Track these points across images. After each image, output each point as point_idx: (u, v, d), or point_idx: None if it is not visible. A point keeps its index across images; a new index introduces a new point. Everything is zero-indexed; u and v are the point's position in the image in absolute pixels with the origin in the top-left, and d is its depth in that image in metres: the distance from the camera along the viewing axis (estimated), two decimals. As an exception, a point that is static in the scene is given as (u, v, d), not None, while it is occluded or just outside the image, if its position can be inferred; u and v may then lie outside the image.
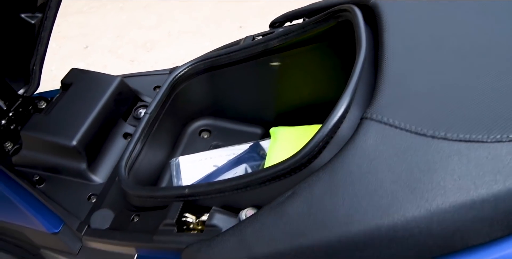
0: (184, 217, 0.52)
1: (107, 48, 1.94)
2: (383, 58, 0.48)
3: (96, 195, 0.67)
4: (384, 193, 0.38)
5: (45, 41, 0.80)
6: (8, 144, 0.76)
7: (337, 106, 0.44)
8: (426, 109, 0.42)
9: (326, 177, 0.41)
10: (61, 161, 0.69)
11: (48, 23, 0.78)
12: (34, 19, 0.76)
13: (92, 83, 0.77)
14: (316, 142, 0.44)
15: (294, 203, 0.42)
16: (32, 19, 0.76)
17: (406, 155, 0.39)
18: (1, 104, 0.77)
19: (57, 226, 0.65)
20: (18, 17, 0.74)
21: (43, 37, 0.80)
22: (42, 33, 0.79)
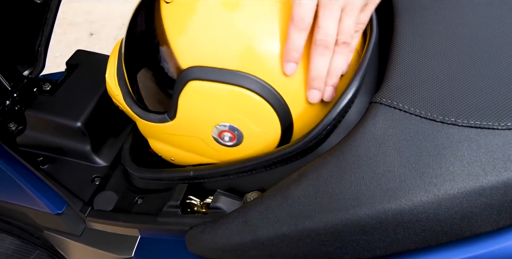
0: (188, 199, 0.52)
1: (112, 36, 1.94)
2: (394, 44, 0.47)
3: (100, 177, 0.67)
4: (392, 177, 0.38)
5: (51, 22, 0.80)
6: (12, 124, 0.75)
7: (346, 90, 0.44)
8: (436, 94, 0.41)
9: (333, 159, 0.41)
10: (66, 142, 0.69)
11: (54, 3, 0.78)
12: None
13: (97, 64, 0.76)
14: (324, 126, 0.44)
15: (300, 186, 0.41)
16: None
17: (415, 139, 0.39)
18: (6, 85, 0.77)
19: (60, 207, 0.65)
20: (24, -4, 0.73)
21: (49, 18, 0.79)
22: (47, 14, 0.78)
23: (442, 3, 0.52)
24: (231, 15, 0.45)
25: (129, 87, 0.55)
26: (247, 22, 0.45)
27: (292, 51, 0.43)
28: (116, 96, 0.56)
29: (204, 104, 0.46)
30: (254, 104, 0.45)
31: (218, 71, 0.44)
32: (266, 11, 0.45)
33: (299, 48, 0.43)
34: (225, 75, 0.44)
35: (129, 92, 0.55)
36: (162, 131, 0.52)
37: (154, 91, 0.52)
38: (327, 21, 0.42)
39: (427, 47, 0.46)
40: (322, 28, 0.43)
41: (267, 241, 0.42)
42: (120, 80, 0.56)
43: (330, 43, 0.43)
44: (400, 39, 0.47)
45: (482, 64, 0.45)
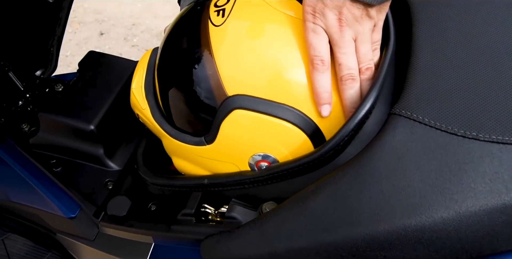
0: (203, 208, 0.52)
1: (122, 36, 1.94)
2: (413, 53, 0.47)
3: (112, 181, 0.67)
4: (412, 192, 0.38)
5: (63, 22, 0.80)
6: (25, 125, 0.76)
7: (364, 102, 0.43)
8: (456, 107, 0.41)
9: (352, 172, 0.40)
10: (78, 145, 0.69)
11: (66, 3, 0.78)
12: None
13: (110, 67, 0.76)
14: (341, 137, 0.43)
15: (317, 198, 0.41)
16: None
17: (435, 153, 0.39)
18: (19, 85, 0.77)
19: (73, 211, 0.66)
20: (37, -4, 0.74)
21: (61, 18, 0.79)
22: (60, 14, 0.79)
23: (462, 12, 0.51)
24: (282, 47, 0.46)
25: (160, 103, 0.54)
26: (297, 56, 0.46)
27: (322, 94, 0.45)
28: (143, 110, 0.55)
29: (246, 133, 0.47)
30: (295, 136, 0.46)
31: (265, 102, 0.45)
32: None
33: (327, 89, 0.45)
34: (271, 107, 0.45)
35: (159, 108, 0.54)
36: (194, 153, 0.52)
37: (187, 110, 0.51)
38: (344, 56, 0.44)
39: (447, 57, 0.46)
40: (343, 65, 0.44)
41: (284, 253, 0.42)
42: (149, 94, 0.55)
43: (355, 75, 0.45)
44: (419, 48, 0.47)
45: (504, 76, 0.44)
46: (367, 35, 0.45)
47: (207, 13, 0.50)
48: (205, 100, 0.48)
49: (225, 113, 0.46)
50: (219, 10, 0.49)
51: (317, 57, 0.44)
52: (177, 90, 0.51)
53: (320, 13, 0.43)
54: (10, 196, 0.73)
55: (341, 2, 0.42)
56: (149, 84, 0.55)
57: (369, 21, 0.44)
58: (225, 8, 0.49)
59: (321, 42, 0.44)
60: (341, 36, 0.44)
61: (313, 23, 0.44)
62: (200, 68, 0.47)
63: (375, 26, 0.45)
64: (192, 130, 0.51)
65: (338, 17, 0.43)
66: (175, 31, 0.54)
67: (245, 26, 0.47)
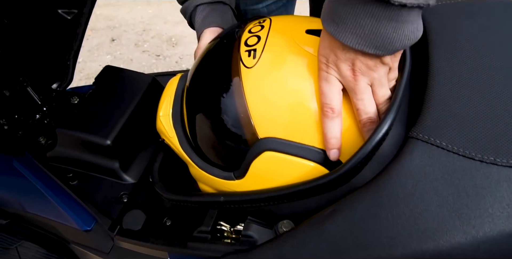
0: (219, 225, 0.52)
1: (133, 42, 1.96)
2: (430, 75, 0.47)
3: (127, 194, 0.68)
4: (429, 217, 0.38)
5: (80, 37, 0.82)
6: (42, 139, 0.77)
7: (381, 124, 0.44)
8: (474, 131, 0.41)
9: (369, 196, 0.41)
10: (95, 159, 0.70)
11: (83, 19, 0.79)
12: (70, 14, 0.77)
13: (126, 81, 0.77)
14: (358, 159, 0.44)
15: (335, 221, 0.41)
16: (68, 14, 0.77)
17: (453, 178, 0.39)
18: (36, 99, 0.79)
19: (89, 224, 0.66)
20: (55, 13, 0.75)
21: (78, 33, 0.81)
22: (77, 29, 0.80)
23: (479, 32, 0.51)
24: (311, 91, 0.47)
25: (188, 134, 0.55)
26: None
27: (331, 139, 0.46)
28: (170, 138, 0.56)
29: (275, 171, 0.48)
30: (318, 172, 0.47)
31: (293, 145, 0.47)
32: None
33: (336, 134, 0.46)
34: (299, 149, 0.47)
35: (187, 138, 0.55)
36: (221, 184, 0.53)
37: (217, 146, 0.52)
38: (361, 102, 0.45)
39: (464, 79, 0.46)
40: (360, 110, 0.45)
41: (301, 274, 0.42)
42: (177, 123, 0.56)
43: (374, 118, 0.46)
44: (436, 70, 0.47)
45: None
46: (382, 79, 0.45)
47: (238, 52, 0.51)
48: (236, 140, 0.49)
49: (256, 154, 0.48)
50: (250, 50, 0.50)
51: (327, 105, 0.45)
52: (207, 127, 0.52)
53: (333, 64, 0.44)
54: (25, 207, 0.74)
55: (353, 55, 0.43)
56: (176, 113, 0.56)
57: (383, 67, 0.44)
58: (256, 49, 0.50)
59: (333, 91, 0.45)
60: (356, 84, 0.44)
61: (326, 73, 0.45)
62: (232, 108, 0.49)
63: (391, 68, 0.45)
64: (221, 165, 0.53)
65: (351, 68, 0.44)
66: (205, 66, 0.55)
67: (276, 68, 0.48)
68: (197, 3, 0.72)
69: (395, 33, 0.40)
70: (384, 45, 0.41)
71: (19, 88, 0.74)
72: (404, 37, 0.41)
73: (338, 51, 0.43)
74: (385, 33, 0.40)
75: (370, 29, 0.40)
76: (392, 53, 0.42)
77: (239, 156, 0.50)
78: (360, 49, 0.41)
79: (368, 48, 0.41)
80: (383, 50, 0.41)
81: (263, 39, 0.51)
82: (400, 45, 0.42)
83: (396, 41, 0.41)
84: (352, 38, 0.41)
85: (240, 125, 0.48)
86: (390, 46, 0.41)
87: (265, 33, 0.52)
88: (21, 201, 0.74)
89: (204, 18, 0.73)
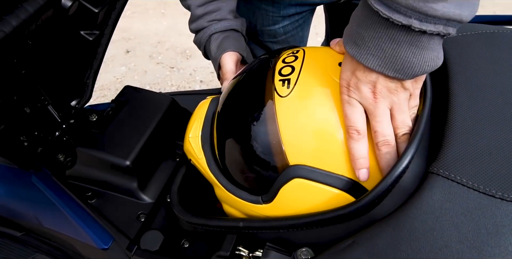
0: (237, 251, 0.53)
1: (148, 54, 1.99)
2: (450, 108, 0.48)
3: (145, 214, 0.69)
4: (449, 253, 0.38)
5: (100, 57, 0.84)
6: (61, 156, 0.78)
7: (402, 158, 0.44)
8: (495, 167, 0.42)
9: (389, 230, 0.41)
10: (113, 179, 0.72)
11: (105, 40, 0.81)
12: (92, 36, 0.79)
13: (145, 102, 0.79)
14: (379, 192, 0.44)
15: (354, 253, 0.42)
16: (90, 36, 0.79)
17: (473, 215, 0.39)
18: (56, 116, 0.80)
19: (106, 243, 0.67)
20: (78, 34, 0.77)
21: (99, 53, 0.83)
22: (98, 49, 0.82)
23: (500, 65, 0.52)
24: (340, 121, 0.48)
25: (217, 156, 0.56)
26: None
27: (358, 160, 0.46)
28: (199, 159, 0.58)
29: (303, 198, 0.49)
30: (345, 201, 0.48)
31: (322, 173, 0.48)
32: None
33: (363, 155, 0.46)
34: (328, 178, 0.48)
35: (216, 161, 0.56)
36: (247, 208, 0.54)
37: (246, 171, 0.53)
38: (379, 124, 0.46)
39: (485, 113, 0.46)
40: (378, 132, 0.46)
41: (320, 305, 0.43)
42: (206, 145, 0.57)
43: (390, 141, 0.46)
44: (456, 104, 0.48)
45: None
46: (403, 104, 0.46)
47: (272, 81, 0.52)
48: (266, 165, 0.51)
49: (286, 180, 0.49)
50: (284, 80, 0.51)
51: (351, 127, 0.46)
52: (238, 152, 0.53)
53: (355, 87, 0.46)
54: (42, 222, 0.75)
55: (374, 77, 0.44)
56: (206, 135, 0.58)
57: (404, 92, 0.45)
58: (290, 79, 0.51)
59: (356, 113, 0.46)
60: (376, 107, 0.45)
61: (348, 96, 0.46)
62: (264, 135, 0.50)
63: (411, 95, 0.46)
64: (249, 188, 0.54)
65: (372, 90, 0.45)
66: (238, 92, 0.56)
67: (308, 98, 0.49)
68: (211, 33, 0.75)
69: (415, 58, 0.42)
70: (403, 69, 0.42)
71: (40, 105, 0.75)
72: (424, 63, 0.42)
73: (359, 73, 0.45)
74: (405, 57, 0.42)
75: (391, 53, 0.42)
76: (412, 77, 0.43)
77: (269, 181, 0.51)
78: (381, 71, 0.43)
79: (388, 71, 0.43)
80: (402, 74, 0.43)
81: (297, 69, 0.52)
82: (420, 71, 0.43)
83: (416, 66, 0.42)
84: (373, 60, 0.43)
85: (272, 152, 0.50)
86: (409, 70, 0.42)
87: (299, 63, 0.53)
88: (37, 216, 0.75)
89: (219, 44, 0.75)
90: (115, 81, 1.86)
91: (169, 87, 1.83)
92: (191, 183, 0.67)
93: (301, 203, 0.50)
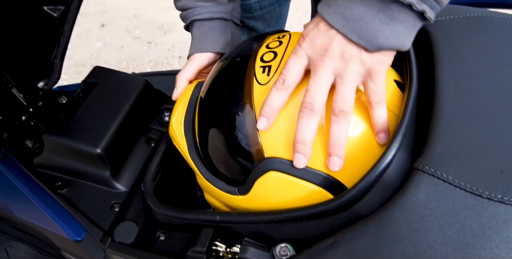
0: (214, 246, 0.51)
1: (124, 28, 1.91)
2: (436, 101, 0.45)
3: (119, 203, 0.66)
4: (433, 255, 0.37)
5: (67, 34, 0.79)
6: (29, 142, 0.74)
7: (387, 152, 0.42)
8: (482, 166, 0.40)
9: (372, 230, 0.39)
10: (84, 167, 0.68)
11: (71, 16, 0.76)
12: (57, 12, 0.74)
13: (116, 84, 0.74)
14: (361, 188, 0.42)
15: (336, 253, 0.40)
16: (55, 12, 0.74)
17: (459, 215, 0.38)
18: (22, 100, 0.76)
19: (79, 234, 0.65)
20: (41, 10, 0.72)
21: (65, 30, 0.78)
22: (64, 26, 0.77)
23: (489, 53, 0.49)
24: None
25: (197, 144, 0.54)
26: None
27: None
28: (180, 145, 0.56)
29: (278, 192, 0.47)
30: (321, 197, 0.46)
31: (302, 168, 0.45)
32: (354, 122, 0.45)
33: (276, 107, 0.45)
34: (303, 172, 0.45)
35: (196, 148, 0.54)
36: (224, 198, 0.52)
37: (224, 161, 0.51)
38: (314, 84, 0.43)
39: (473, 106, 0.44)
40: (309, 91, 0.43)
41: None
42: (188, 131, 0.55)
43: (315, 108, 0.43)
44: (443, 96, 0.45)
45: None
46: (349, 77, 0.43)
47: (253, 68, 0.49)
48: (243, 156, 0.49)
49: (261, 172, 0.47)
50: (265, 67, 0.49)
51: (281, 76, 0.44)
52: (217, 140, 0.51)
53: (311, 38, 0.43)
54: (13, 211, 0.72)
55: (333, 34, 0.42)
56: (189, 122, 0.56)
57: (357, 64, 0.42)
58: (271, 66, 0.48)
59: (297, 65, 0.44)
60: (320, 65, 0.43)
61: (299, 46, 0.44)
62: (241, 124, 0.48)
63: (372, 74, 0.43)
64: (226, 179, 0.52)
65: (326, 47, 0.42)
66: (220, 79, 0.54)
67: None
68: (193, 18, 0.68)
69: (381, 26, 0.40)
70: (367, 35, 0.40)
71: (2, 89, 0.70)
72: (390, 35, 0.40)
73: (322, 27, 0.43)
74: (372, 22, 0.40)
75: (359, 15, 0.40)
76: (376, 49, 0.41)
77: (245, 172, 0.49)
78: (343, 33, 0.41)
79: (351, 34, 0.41)
80: (365, 41, 0.41)
81: (279, 55, 0.49)
82: (385, 43, 0.41)
83: (381, 36, 0.40)
84: (339, 19, 0.41)
85: (248, 142, 0.48)
86: (373, 38, 0.40)
87: (283, 49, 0.50)
88: (8, 205, 0.72)
89: (198, 37, 0.68)
90: (90, 57, 1.78)
91: (146, 63, 1.77)
92: (171, 169, 0.64)
93: (277, 197, 0.48)
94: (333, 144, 0.44)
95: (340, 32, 0.41)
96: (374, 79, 0.44)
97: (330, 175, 0.45)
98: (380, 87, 0.44)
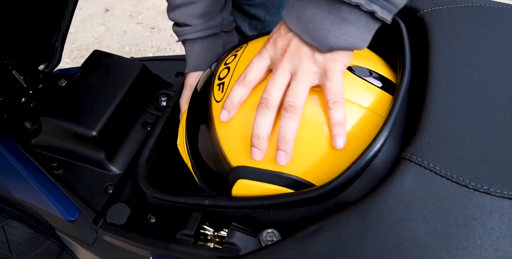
0: (202, 229, 0.52)
1: (127, 13, 1.90)
2: (429, 90, 0.45)
3: (113, 185, 0.67)
4: (416, 244, 0.37)
5: (68, 18, 0.79)
6: (27, 123, 0.75)
7: (375, 140, 0.42)
8: (469, 156, 0.40)
9: (357, 218, 0.40)
10: (80, 149, 0.69)
11: (72, 0, 0.76)
12: None
13: (114, 68, 0.74)
14: (349, 176, 0.42)
15: (320, 240, 0.41)
16: None
17: (444, 205, 0.38)
18: (22, 82, 0.76)
19: (73, 214, 0.65)
20: (42, -8, 0.71)
21: (66, 14, 0.78)
22: (65, 10, 0.77)
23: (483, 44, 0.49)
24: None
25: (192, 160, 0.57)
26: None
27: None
28: (188, 163, 0.58)
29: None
30: None
31: (263, 172, 0.47)
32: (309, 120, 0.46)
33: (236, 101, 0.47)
34: (270, 176, 0.47)
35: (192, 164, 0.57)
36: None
37: (209, 171, 0.54)
38: (272, 82, 0.45)
39: (465, 96, 0.44)
40: (266, 88, 0.45)
41: (281, 290, 0.42)
42: (188, 151, 0.58)
43: (271, 104, 0.45)
44: (436, 84, 0.45)
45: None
46: (302, 74, 0.44)
47: (212, 86, 0.52)
48: (217, 169, 0.52)
49: (232, 181, 0.49)
50: (220, 84, 0.51)
51: (243, 73, 0.47)
52: (199, 156, 0.54)
53: (274, 40, 0.46)
54: (10, 191, 0.73)
55: (292, 36, 0.44)
56: (187, 143, 0.58)
57: (309, 63, 0.44)
58: (225, 82, 0.51)
59: (259, 64, 0.46)
60: (279, 65, 0.45)
61: (264, 48, 0.47)
62: (208, 142, 0.51)
63: (328, 73, 0.43)
64: (215, 191, 0.55)
65: (285, 48, 0.44)
66: (194, 99, 0.58)
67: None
68: (184, 38, 0.67)
69: (332, 27, 0.41)
70: (319, 37, 0.41)
71: (3, 71, 0.71)
72: (341, 35, 0.41)
73: (282, 31, 0.45)
74: (323, 24, 0.41)
75: (311, 17, 0.41)
76: (327, 49, 0.42)
77: (225, 182, 0.51)
78: (298, 34, 0.43)
79: (305, 35, 0.42)
80: (317, 42, 0.42)
81: (231, 71, 0.51)
82: (335, 43, 0.41)
83: (331, 37, 0.41)
84: (295, 22, 0.43)
85: (217, 155, 0.50)
86: (324, 40, 0.41)
87: (235, 64, 0.52)
88: (6, 185, 0.73)
89: (191, 56, 0.68)
90: (93, 41, 1.78)
91: (149, 48, 1.76)
92: (165, 154, 0.65)
93: None
94: (280, 138, 0.44)
95: (296, 34, 0.43)
96: (330, 78, 0.44)
97: (297, 176, 0.46)
98: (337, 87, 0.44)
